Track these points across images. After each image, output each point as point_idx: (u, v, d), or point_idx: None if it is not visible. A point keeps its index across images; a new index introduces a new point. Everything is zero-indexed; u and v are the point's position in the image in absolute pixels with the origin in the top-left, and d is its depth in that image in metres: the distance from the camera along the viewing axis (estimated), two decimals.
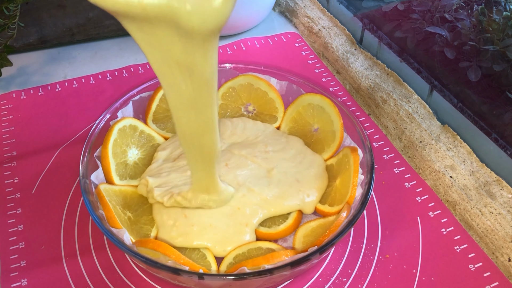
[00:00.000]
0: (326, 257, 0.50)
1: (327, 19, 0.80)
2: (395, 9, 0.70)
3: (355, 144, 0.54)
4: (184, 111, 0.40)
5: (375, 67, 0.69)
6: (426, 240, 0.51)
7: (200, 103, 0.39)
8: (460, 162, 0.56)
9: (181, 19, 0.31)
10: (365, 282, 0.48)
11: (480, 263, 0.49)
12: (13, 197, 0.55)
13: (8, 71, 0.72)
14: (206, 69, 0.36)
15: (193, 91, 0.37)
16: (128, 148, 0.55)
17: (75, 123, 0.65)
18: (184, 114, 0.40)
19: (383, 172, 0.58)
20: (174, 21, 0.32)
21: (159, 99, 0.59)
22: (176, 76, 0.36)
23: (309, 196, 0.51)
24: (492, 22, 0.57)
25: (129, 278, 0.48)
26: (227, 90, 0.62)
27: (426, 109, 0.62)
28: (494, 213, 0.51)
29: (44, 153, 0.60)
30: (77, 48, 0.79)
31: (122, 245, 0.42)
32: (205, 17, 0.31)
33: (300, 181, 0.52)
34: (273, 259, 0.43)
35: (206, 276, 0.41)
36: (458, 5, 0.65)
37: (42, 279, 0.48)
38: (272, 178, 0.52)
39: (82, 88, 0.70)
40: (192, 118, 0.40)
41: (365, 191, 0.48)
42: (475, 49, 0.59)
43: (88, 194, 0.47)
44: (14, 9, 0.62)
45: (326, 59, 0.76)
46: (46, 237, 0.51)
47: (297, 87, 0.60)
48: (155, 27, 0.33)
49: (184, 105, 0.39)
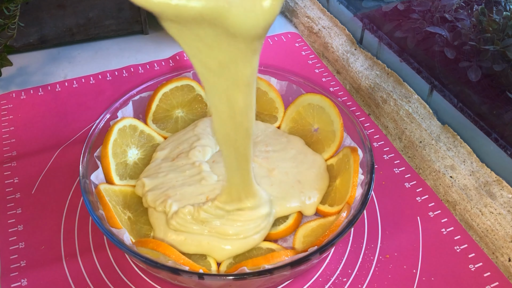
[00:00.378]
0: (326, 257, 0.50)
1: (327, 19, 0.80)
2: (395, 9, 0.70)
3: (355, 144, 0.54)
4: (225, 113, 0.39)
5: (375, 67, 0.69)
6: (426, 240, 0.51)
7: (241, 105, 0.38)
8: (460, 162, 0.56)
9: (228, 21, 0.30)
10: (365, 282, 0.48)
11: (480, 263, 0.49)
12: (13, 197, 0.55)
13: (8, 71, 0.72)
14: (249, 71, 0.35)
15: (233, 93, 0.37)
16: (128, 148, 0.55)
17: (75, 123, 0.65)
18: (225, 116, 0.39)
19: (383, 172, 0.58)
20: (221, 23, 0.31)
21: (159, 99, 0.59)
22: (219, 77, 0.35)
23: (310, 198, 0.51)
24: (492, 22, 0.57)
25: (129, 278, 0.48)
26: None
27: (426, 109, 0.62)
28: (494, 213, 0.51)
29: (44, 153, 0.60)
30: (77, 48, 0.79)
31: (122, 245, 0.42)
32: (255, 19, 0.30)
33: (302, 182, 0.52)
34: (273, 259, 0.43)
35: (206, 276, 0.41)
36: (458, 5, 0.65)
37: (42, 279, 0.48)
38: (273, 178, 0.52)
39: (82, 88, 0.70)
40: (232, 120, 0.39)
41: (365, 191, 0.48)
42: (475, 49, 0.59)
43: (88, 194, 0.47)
44: (14, 9, 0.62)
45: (326, 59, 0.76)
46: (46, 237, 0.51)
47: (297, 87, 0.60)
48: (200, 29, 0.32)
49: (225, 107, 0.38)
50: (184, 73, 0.61)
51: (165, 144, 0.57)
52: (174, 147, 0.56)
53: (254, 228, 0.47)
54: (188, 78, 0.60)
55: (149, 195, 0.50)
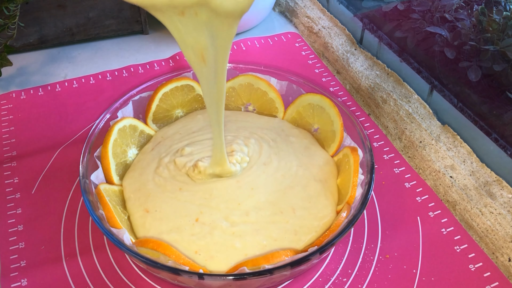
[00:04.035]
0: (326, 257, 0.50)
1: (327, 19, 0.80)
2: (395, 9, 0.70)
3: (355, 144, 0.54)
4: (208, 80, 0.45)
5: (375, 67, 0.69)
6: (426, 240, 0.51)
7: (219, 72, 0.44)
8: (460, 162, 0.56)
9: (214, 5, 0.37)
10: (365, 282, 0.48)
11: (480, 263, 0.49)
12: (13, 197, 0.55)
13: (8, 71, 0.72)
14: (229, 43, 0.42)
15: (215, 63, 0.43)
16: (128, 148, 0.55)
17: (75, 123, 0.65)
18: (208, 83, 0.45)
19: (383, 172, 0.58)
20: (207, 6, 0.37)
21: (159, 99, 0.59)
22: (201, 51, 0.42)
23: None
24: (492, 22, 0.57)
25: (129, 278, 0.48)
26: (227, 90, 0.61)
27: (426, 109, 0.62)
28: (494, 213, 0.51)
29: (44, 153, 0.60)
30: (77, 48, 0.79)
31: (122, 245, 0.42)
32: (236, 3, 0.37)
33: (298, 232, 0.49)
34: (273, 259, 0.43)
35: (206, 276, 0.41)
36: (458, 5, 0.65)
37: (42, 279, 0.48)
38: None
39: (82, 88, 0.70)
40: (213, 86, 0.45)
41: (365, 191, 0.48)
42: (475, 49, 0.59)
43: (88, 194, 0.47)
44: (14, 9, 0.62)
45: (326, 59, 0.76)
46: (46, 237, 0.51)
47: (297, 87, 0.60)
48: (187, 9, 0.38)
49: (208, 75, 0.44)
50: (184, 73, 0.61)
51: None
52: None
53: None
54: (188, 78, 0.60)
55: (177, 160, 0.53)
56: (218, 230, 0.47)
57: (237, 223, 0.47)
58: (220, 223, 0.47)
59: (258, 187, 0.51)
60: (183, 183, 0.51)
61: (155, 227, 0.47)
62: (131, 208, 0.50)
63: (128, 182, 0.52)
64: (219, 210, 0.49)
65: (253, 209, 0.49)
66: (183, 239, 0.46)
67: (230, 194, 0.50)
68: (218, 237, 0.46)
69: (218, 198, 0.50)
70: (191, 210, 0.48)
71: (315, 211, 0.49)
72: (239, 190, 0.50)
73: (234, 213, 0.48)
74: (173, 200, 0.49)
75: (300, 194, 0.50)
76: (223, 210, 0.48)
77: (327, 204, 0.50)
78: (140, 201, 0.50)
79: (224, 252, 0.45)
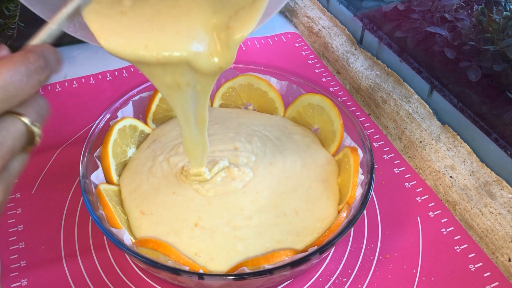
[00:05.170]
0: (326, 257, 0.50)
1: (327, 19, 0.80)
2: (395, 9, 0.70)
3: (355, 144, 0.54)
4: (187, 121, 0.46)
5: (375, 67, 0.69)
6: (426, 240, 0.51)
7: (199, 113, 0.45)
8: (460, 162, 0.56)
9: (196, 66, 0.39)
10: (365, 282, 0.48)
11: (480, 263, 0.49)
12: (13, 197, 0.55)
13: None
14: (209, 90, 0.43)
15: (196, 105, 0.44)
16: (128, 148, 0.55)
17: (75, 123, 0.65)
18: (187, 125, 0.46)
19: (383, 172, 0.58)
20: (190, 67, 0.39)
21: (159, 99, 0.59)
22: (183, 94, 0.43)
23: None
24: (492, 22, 0.58)
25: (129, 278, 0.48)
26: (227, 90, 0.62)
27: (426, 109, 0.62)
28: (494, 213, 0.51)
29: (44, 153, 0.60)
30: (77, 48, 0.79)
31: (122, 245, 0.42)
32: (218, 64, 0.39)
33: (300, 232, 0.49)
34: (273, 259, 0.43)
35: (206, 276, 0.41)
36: (458, 5, 0.65)
37: (42, 279, 0.48)
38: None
39: (82, 88, 0.70)
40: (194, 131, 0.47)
41: (365, 191, 0.48)
42: (475, 49, 0.59)
43: (88, 194, 0.47)
44: (14, 9, 0.62)
45: (326, 59, 0.76)
46: (46, 237, 0.51)
47: (297, 87, 0.60)
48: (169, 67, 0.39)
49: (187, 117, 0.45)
50: None
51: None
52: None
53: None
54: None
55: (171, 159, 0.53)
56: (219, 234, 0.47)
57: (240, 226, 0.47)
58: (221, 227, 0.47)
59: (263, 190, 0.50)
60: (175, 186, 0.51)
61: (152, 229, 0.47)
62: (127, 209, 0.50)
63: (124, 182, 0.52)
64: (221, 217, 0.48)
65: (257, 213, 0.48)
66: (182, 242, 0.46)
67: (234, 202, 0.49)
68: (219, 240, 0.46)
69: (220, 206, 0.49)
70: (188, 216, 0.48)
71: (318, 213, 0.49)
72: (244, 196, 0.50)
73: (237, 218, 0.48)
74: (168, 204, 0.49)
75: (304, 196, 0.50)
76: (225, 217, 0.48)
77: (329, 205, 0.50)
78: (136, 202, 0.50)
79: (225, 254, 0.45)
